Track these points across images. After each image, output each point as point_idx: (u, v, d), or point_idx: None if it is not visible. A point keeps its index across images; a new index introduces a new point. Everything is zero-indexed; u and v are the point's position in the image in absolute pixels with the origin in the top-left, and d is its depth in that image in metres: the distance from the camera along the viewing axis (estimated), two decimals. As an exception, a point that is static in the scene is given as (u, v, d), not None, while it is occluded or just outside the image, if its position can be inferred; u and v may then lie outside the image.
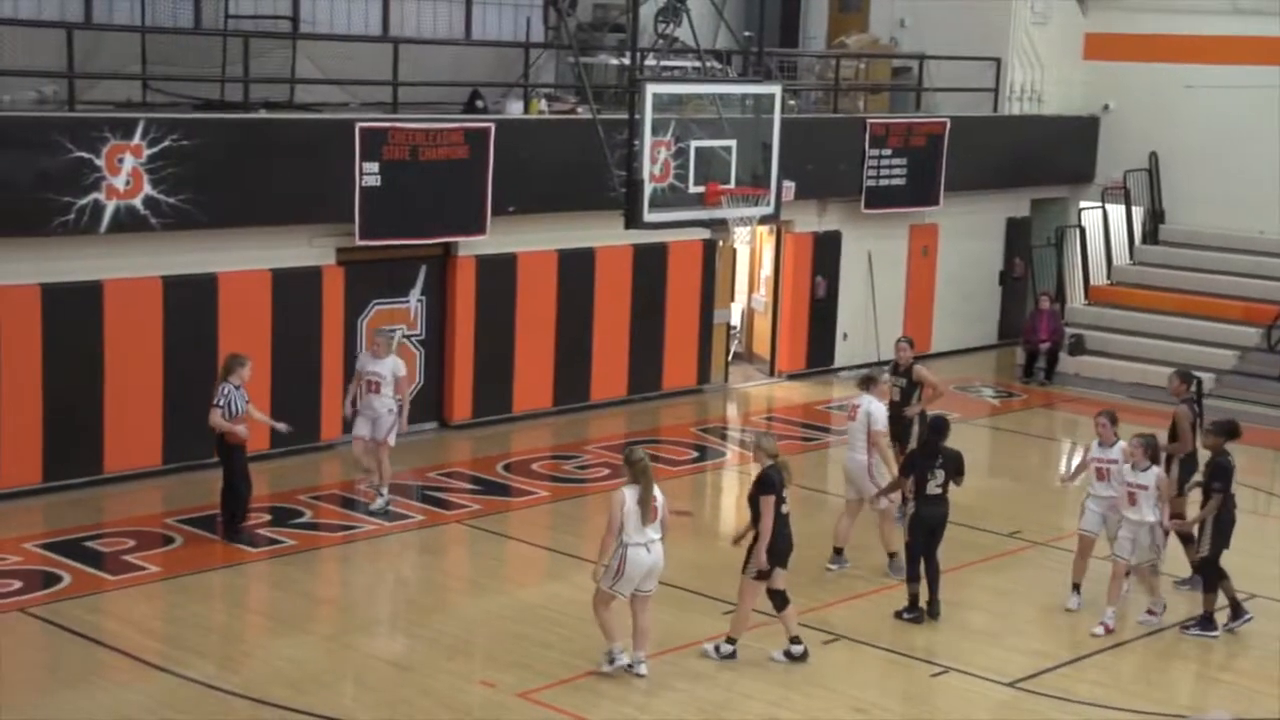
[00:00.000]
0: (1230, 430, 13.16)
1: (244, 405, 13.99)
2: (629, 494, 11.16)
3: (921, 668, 11.61)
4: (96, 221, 14.68)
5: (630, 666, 11.25)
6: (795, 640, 11.67)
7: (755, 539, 11.50)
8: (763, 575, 11.54)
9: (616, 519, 11.05)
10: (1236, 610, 12.82)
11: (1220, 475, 12.76)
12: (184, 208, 15.17)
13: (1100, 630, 12.44)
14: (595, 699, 10.86)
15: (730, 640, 11.72)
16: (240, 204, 15.80)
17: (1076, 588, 13.14)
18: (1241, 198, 23.43)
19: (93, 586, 12.83)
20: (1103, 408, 13.92)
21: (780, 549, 11.54)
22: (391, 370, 14.90)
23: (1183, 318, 22.63)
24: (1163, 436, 13.66)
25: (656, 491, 11.24)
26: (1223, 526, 12.82)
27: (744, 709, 10.85)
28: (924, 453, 12.89)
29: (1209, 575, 12.85)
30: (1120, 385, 22.10)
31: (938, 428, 12.93)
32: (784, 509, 11.56)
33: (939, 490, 12.62)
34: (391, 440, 14.96)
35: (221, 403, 13.82)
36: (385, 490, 15.04)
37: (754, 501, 11.56)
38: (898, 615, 12.63)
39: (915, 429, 15.21)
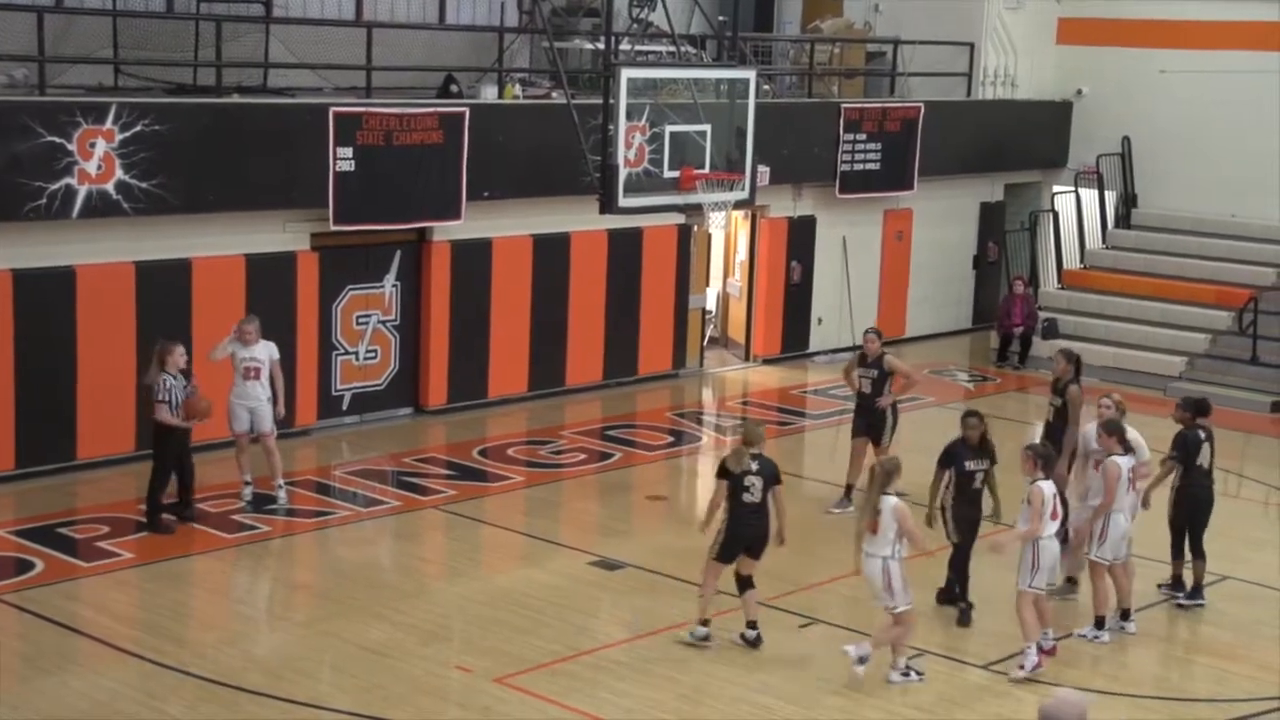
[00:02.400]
0: (1199, 407, 13.27)
1: (183, 394, 13.60)
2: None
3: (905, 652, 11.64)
4: (68, 207, 14.59)
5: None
6: (751, 625, 11.64)
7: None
8: (719, 559, 11.51)
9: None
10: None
11: (1178, 445, 12.98)
12: (157, 193, 15.10)
13: (1019, 674, 11.37)
14: (572, 684, 10.88)
15: (703, 623, 11.70)
16: (213, 189, 15.73)
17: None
18: (1214, 182, 23.55)
19: (66, 573, 12.78)
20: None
21: (742, 535, 11.45)
22: (268, 355, 14.42)
23: (1155, 301, 22.74)
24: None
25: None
26: (1190, 500, 12.97)
27: (721, 693, 10.88)
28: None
29: (1177, 544, 13.10)
30: (1093, 369, 22.12)
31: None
32: (745, 497, 11.42)
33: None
34: (274, 429, 14.57)
35: (164, 396, 13.56)
36: (282, 483, 14.64)
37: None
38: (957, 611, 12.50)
39: (890, 420, 15.23)
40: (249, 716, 10.22)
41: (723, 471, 11.56)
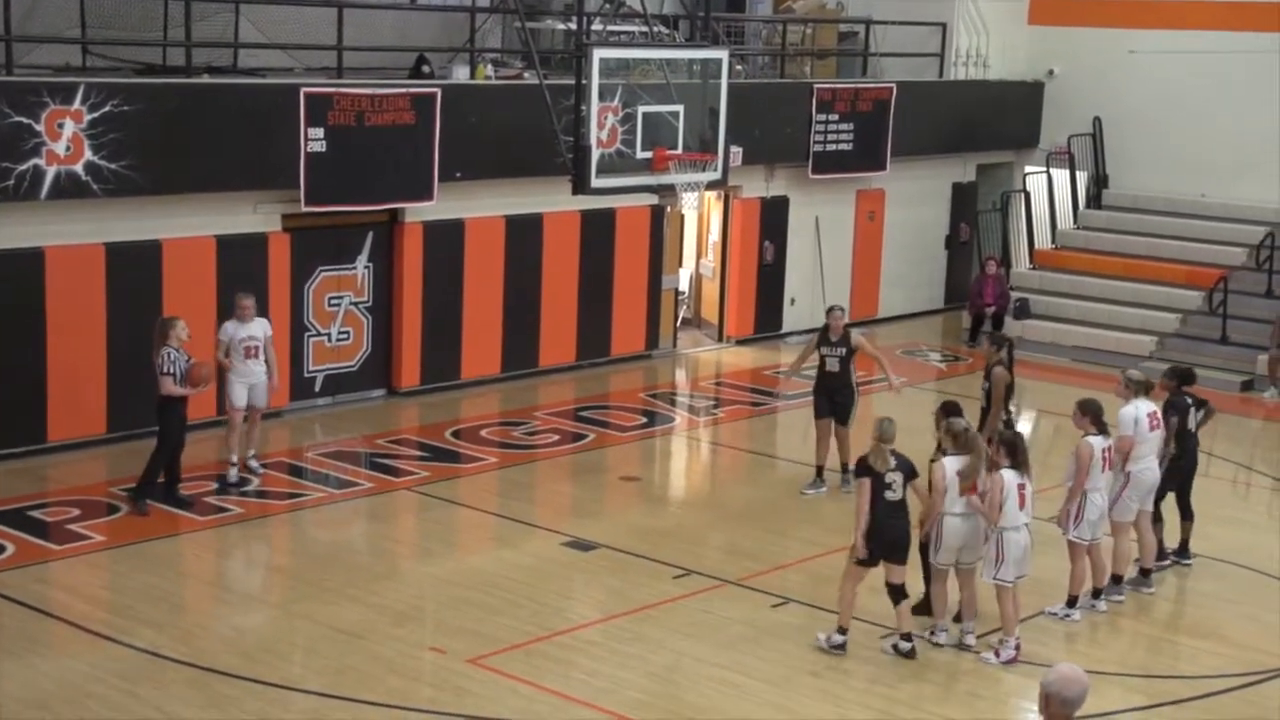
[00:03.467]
0: (1182, 376, 13.49)
1: (185, 365, 13.70)
2: (950, 464, 11.22)
3: (873, 631, 11.70)
4: (37, 188, 14.50)
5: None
6: (905, 637, 11.27)
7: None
8: (863, 562, 11.16)
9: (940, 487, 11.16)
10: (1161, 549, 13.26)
11: (1175, 407, 13.14)
12: (126, 174, 15.02)
13: (992, 660, 11.34)
14: (545, 664, 10.90)
15: (841, 630, 11.30)
16: (183, 170, 15.66)
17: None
18: (1184, 162, 23.65)
19: (37, 556, 12.73)
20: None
21: (886, 535, 11.06)
22: (264, 331, 14.69)
23: (1126, 281, 22.85)
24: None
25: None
26: (1178, 465, 13.17)
27: (694, 672, 10.91)
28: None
29: (1156, 509, 13.19)
30: (1065, 349, 22.30)
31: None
32: (889, 495, 11.05)
33: None
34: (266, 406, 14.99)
35: (170, 369, 13.65)
36: (256, 452, 15.01)
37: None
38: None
39: (855, 400, 15.22)
40: (221, 698, 10.21)
41: (865, 470, 11.11)
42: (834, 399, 15.09)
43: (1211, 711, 10.74)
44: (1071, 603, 12.25)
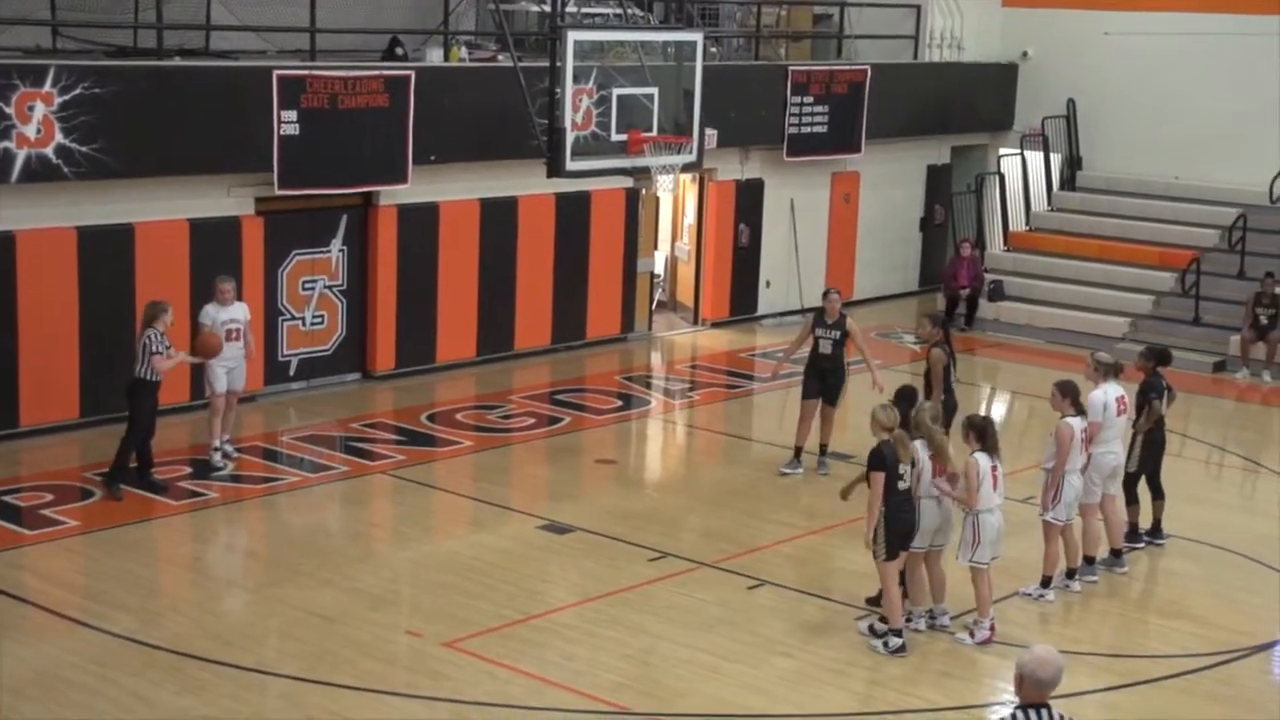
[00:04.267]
0: (1160, 356, 13.59)
1: (165, 347, 13.74)
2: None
3: (847, 612, 11.73)
4: (6, 171, 14.40)
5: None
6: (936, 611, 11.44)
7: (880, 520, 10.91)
8: (891, 556, 10.95)
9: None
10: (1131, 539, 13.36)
11: (1153, 389, 13.25)
12: (98, 157, 14.93)
13: (967, 640, 11.40)
14: (521, 647, 10.90)
15: (895, 632, 11.06)
16: (156, 153, 15.57)
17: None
18: (1158, 144, 23.73)
19: (10, 541, 12.68)
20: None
21: (900, 530, 10.95)
22: (245, 315, 14.74)
23: (1100, 263, 22.91)
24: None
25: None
26: (1151, 445, 13.31)
27: (670, 654, 10.93)
28: None
29: (1130, 490, 13.33)
30: (1039, 330, 22.37)
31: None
32: (901, 485, 10.93)
33: None
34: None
35: (157, 348, 13.65)
36: (230, 437, 14.97)
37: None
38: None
39: (844, 382, 15.27)
40: (197, 682, 10.19)
41: (879, 463, 10.85)
42: (826, 380, 15.14)
43: (1184, 690, 10.80)
44: (1045, 583, 12.31)
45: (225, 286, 14.63)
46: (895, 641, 11.04)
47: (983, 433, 11.37)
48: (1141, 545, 13.44)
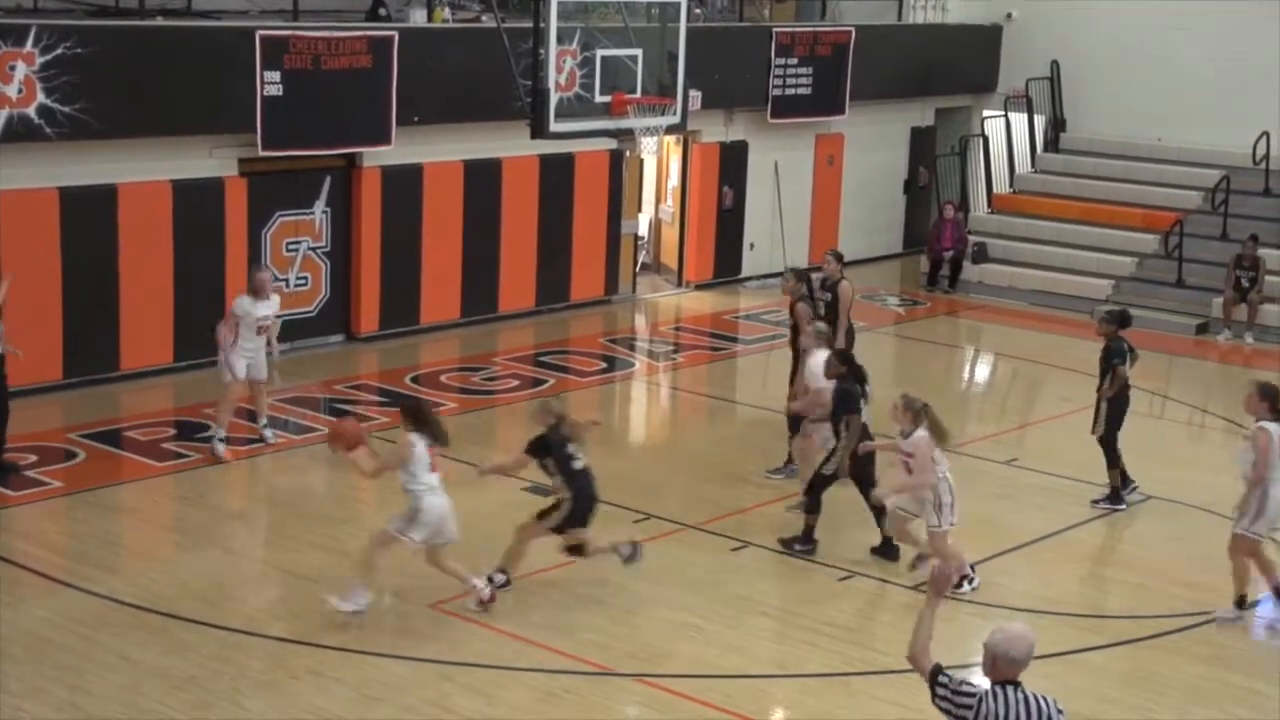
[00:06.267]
0: (1121, 319, 13.68)
1: None
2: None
3: (827, 572, 11.80)
4: (-11, 132, 14.35)
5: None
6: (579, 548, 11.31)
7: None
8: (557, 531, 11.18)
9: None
10: (1117, 493, 13.54)
11: (1116, 354, 13.34)
12: (80, 117, 14.85)
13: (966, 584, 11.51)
14: (506, 608, 10.94)
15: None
16: (138, 114, 15.50)
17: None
18: (1141, 106, 23.74)
19: (-5, 503, 12.69)
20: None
21: (582, 510, 11.13)
22: (275, 310, 14.09)
23: (1084, 225, 22.95)
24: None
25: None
26: (1117, 407, 13.41)
27: (652, 614, 10.99)
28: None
29: (1110, 453, 13.46)
30: (1022, 293, 22.42)
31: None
32: (575, 465, 11.11)
33: None
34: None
35: None
36: (268, 421, 14.45)
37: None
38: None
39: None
40: (182, 643, 10.22)
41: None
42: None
43: (1166, 649, 10.88)
44: (1241, 603, 11.40)
45: (264, 278, 13.97)
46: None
47: (917, 414, 11.35)
48: (1123, 507, 13.51)
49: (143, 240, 15.80)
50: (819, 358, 12.61)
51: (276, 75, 16.13)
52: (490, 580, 11.05)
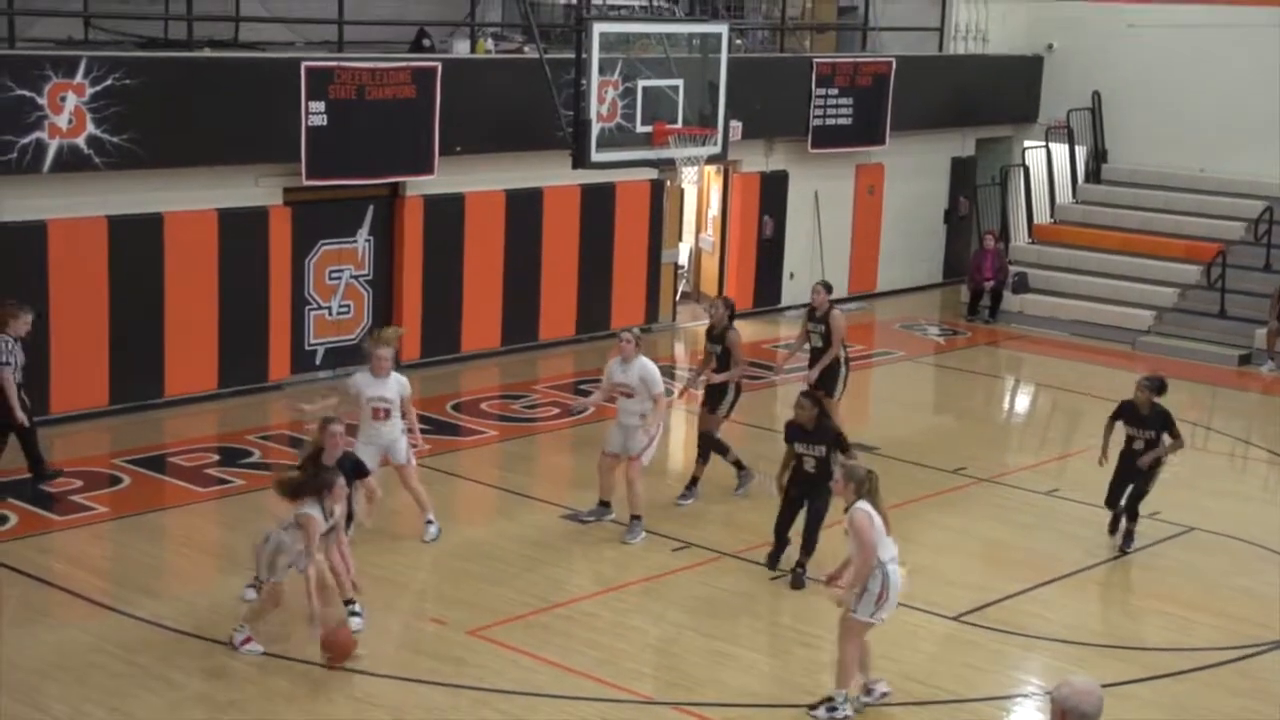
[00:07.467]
0: (1161, 388, 13.41)
1: (19, 358, 12.83)
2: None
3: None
4: (39, 161, 14.54)
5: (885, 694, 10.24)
6: None
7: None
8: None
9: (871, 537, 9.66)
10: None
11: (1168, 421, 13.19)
12: (128, 147, 15.05)
13: None
14: (547, 636, 10.98)
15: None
16: (185, 143, 15.68)
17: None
18: (1183, 136, 23.66)
19: (40, 527, 12.81)
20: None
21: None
22: (400, 393, 12.45)
23: (1125, 256, 22.87)
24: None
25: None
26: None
27: (692, 644, 10.99)
28: None
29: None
30: (1063, 323, 22.34)
31: None
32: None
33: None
34: (414, 462, 12.88)
35: (6, 359, 12.86)
36: (432, 517, 12.89)
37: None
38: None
39: (842, 373, 15.26)
40: (221, 667, 10.30)
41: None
42: (819, 374, 15.18)
43: (1207, 684, 10.80)
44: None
45: (382, 353, 12.32)
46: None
47: (861, 483, 9.93)
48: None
49: (188, 268, 15.97)
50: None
51: (321, 105, 16.30)
52: None
